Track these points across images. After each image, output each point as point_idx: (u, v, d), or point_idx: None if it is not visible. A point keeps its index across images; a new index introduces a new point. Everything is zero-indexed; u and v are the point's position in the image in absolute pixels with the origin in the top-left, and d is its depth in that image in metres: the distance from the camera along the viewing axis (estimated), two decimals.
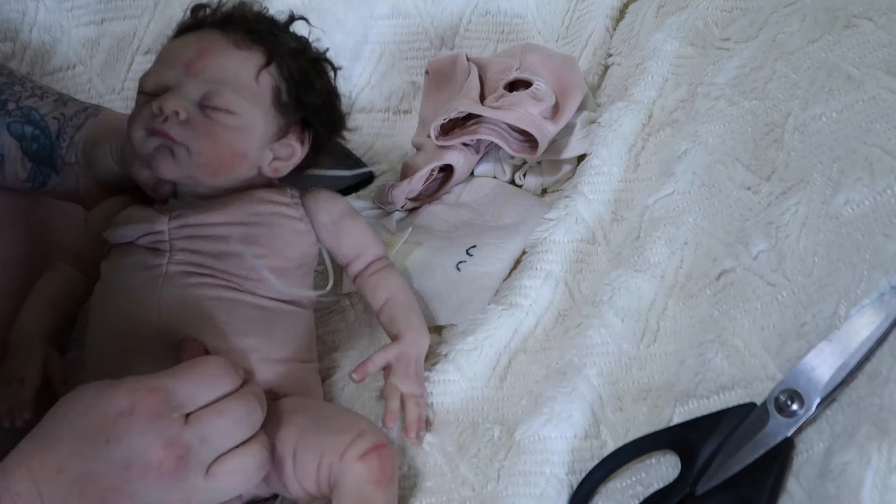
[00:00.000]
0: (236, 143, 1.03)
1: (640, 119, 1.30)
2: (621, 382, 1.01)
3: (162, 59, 1.06)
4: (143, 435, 0.80)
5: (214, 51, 1.04)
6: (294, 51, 1.10)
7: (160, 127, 0.99)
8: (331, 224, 1.11)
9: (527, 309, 1.13)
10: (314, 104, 1.10)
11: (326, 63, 1.16)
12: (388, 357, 1.06)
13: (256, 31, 1.07)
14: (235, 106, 1.02)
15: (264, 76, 1.05)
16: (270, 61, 1.06)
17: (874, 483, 0.73)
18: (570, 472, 0.94)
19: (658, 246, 1.11)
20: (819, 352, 0.86)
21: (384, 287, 1.12)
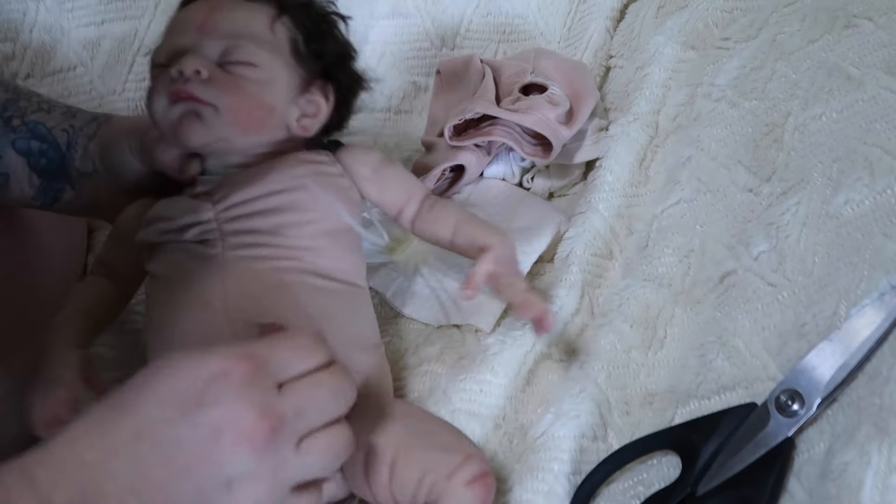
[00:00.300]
0: (262, 95, 1.01)
1: (648, 132, 1.31)
2: (629, 388, 1.02)
3: (172, 28, 1.04)
4: (238, 401, 0.75)
5: (225, 7, 1.02)
6: (303, 3, 1.09)
7: (182, 88, 0.97)
8: (372, 174, 1.09)
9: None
10: (332, 54, 1.09)
11: (337, 16, 1.14)
12: (490, 266, 1.04)
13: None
14: (256, 57, 1.00)
15: (279, 27, 1.04)
16: (282, 12, 1.05)
17: (874, 483, 0.73)
18: (575, 472, 0.94)
19: (666, 255, 1.12)
20: (819, 352, 0.86)
21: (447, 215, 1.10)
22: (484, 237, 1.07)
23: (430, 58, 1.58)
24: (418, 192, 1.11)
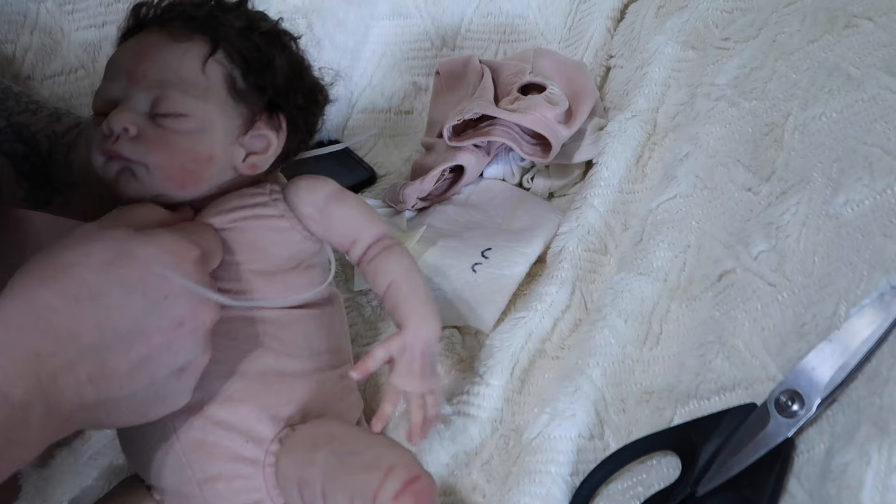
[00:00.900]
0: (196, 147, 0.93)
1: (646, 129, 1.31)
2: (624, 384, 1.02)
3: (106, 73, 0.96)
4: (201, 293, 0.83)
5: (152, 51, 0.94)
6: (242, 29, 0.98)
7: (112, 148, 0.91)
8: (317, 214, 1.00)
9: (542, 312, 1.13)
10: (277, 84, 0.99)
11: (283, 34, 1.03)
12: (390, 351, 0.97)
13: (195, 17, 0.97)
14: (185, 107, 0.92)
15: (212, 66, 0.95)
16: (216, 48, 0.95)
17: (874, 483, 0.73)
18: (573, 472, 0.94)
19: (661, 249, 1.11)
20: (819, 352, 0.86)
21: (384, 272, 1.01)
22: (403, 315, 0.99)
23: (431, 58, 1.58)
24: (365, 237, 1.02)
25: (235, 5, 1.01)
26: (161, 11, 0.98)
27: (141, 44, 0.95)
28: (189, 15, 0.97)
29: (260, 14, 1.03)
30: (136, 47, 0.95)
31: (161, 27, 0.96)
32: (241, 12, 1.01)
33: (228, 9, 1.00)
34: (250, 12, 1.02)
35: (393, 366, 0.98)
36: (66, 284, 0.76)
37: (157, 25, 0.97)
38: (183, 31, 0.95)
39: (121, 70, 0.94)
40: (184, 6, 0.98)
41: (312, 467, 0.90)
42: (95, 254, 0.78)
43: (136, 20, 0.99)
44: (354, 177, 1.48)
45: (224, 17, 0.97)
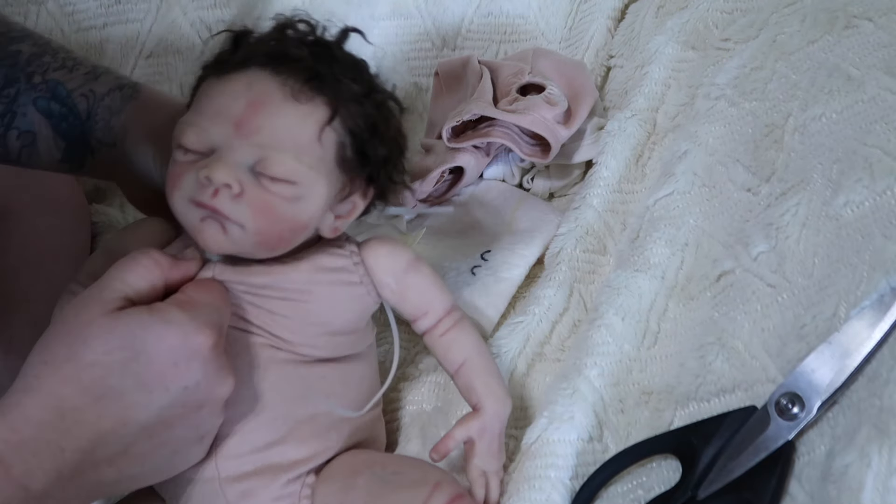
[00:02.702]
0: (297, 215, 0.89)
1: (646, 128, 1.31)
2: (622, 384, 1.02)
3: (204, 108, 0.89)
4: (218, 373, 0.84)
5: (269, 107, 0.87)
6: (359, 96, 0.91)
7: (210, 202, 0.85)
8: (395, 284, 0.98)
9: (540, 316, 1.13)
10: (381, 157, 0.94)
11: (394, 103, 0.98)
12: (470, 432, 0.96)
13: (318, 74, 0.88)
14: (295, 174, 0.87)
15: (328, 133, 0.89)
16: (335, 115, 0.89)
17: (875, 485, 0.73)
18: (573, 476, 0.94)
19: (658, 246, 1.11)
20: (819, 354, 0.86)
21: (457, 349, 1.00)
22: (481, 395, 0.98)
23: (432, 58, 1.58)
24: (438, 310, 1.01)
25: (344, 52, 0.95)
26: (274, 51, 0.89)
27: (255, 92, 0.87)
28: (311, 71, 0.88)
29: (373, 74, 0.97)
30: (250, 95, 0.87)
31: (277, 76, 0.88)
32: (355, 68, 0.94)
33: (345, 63, 0.93)
34: (364, 69, 0.96)
35: (473, 447, 0.97)
36: (88, 385, 0.77)
37: (270, 70, 0.88)
38: (303, 88, 0.88)
39: (228, 115, 0.86)
40: (301, 50, 0.90)
41: (354, 491, 0.91)
42: (114, 351, 0.78)
43: (244, 54, 0.91)
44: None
45: (345, 80, 0.90)
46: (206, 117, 0.88)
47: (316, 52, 0.90)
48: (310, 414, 0.94)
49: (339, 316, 0.96)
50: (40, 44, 1.08)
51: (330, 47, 0.93)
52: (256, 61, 0.89)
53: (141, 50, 1.49)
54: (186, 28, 1.49)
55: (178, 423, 0.82)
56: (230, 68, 0.90)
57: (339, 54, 0.93)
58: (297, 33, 0.94)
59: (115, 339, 0.79)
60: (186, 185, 0.87)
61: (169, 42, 1.49)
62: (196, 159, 0.87)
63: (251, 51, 0.91)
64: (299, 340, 0.93)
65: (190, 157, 0.88)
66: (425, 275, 1.01)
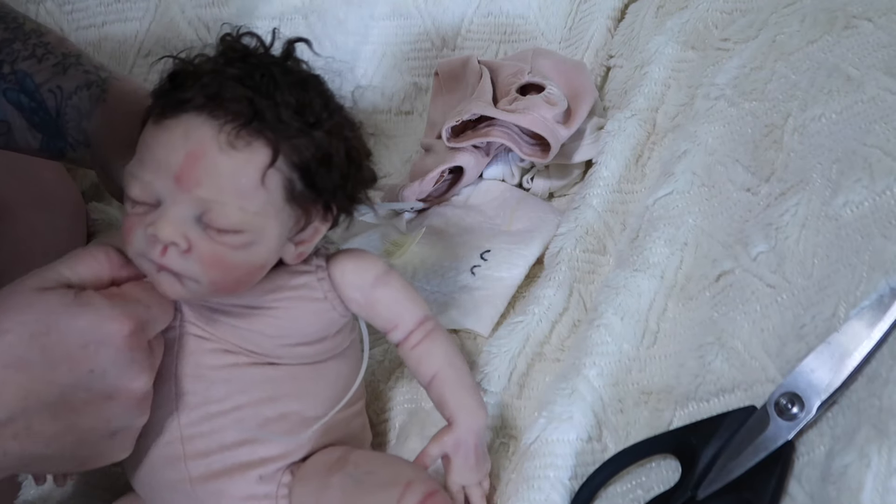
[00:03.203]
0: (251, 260, 0.85)
1: (646, 128, 1.31)
2: (621, 384, 1.02)
3: (146, 159, 0.83)
4: (130, 366, 0.83)
5: (206, 158, 0.81)
6: (304, 128, 0.85)
7: (160, 261, 0.82)
8: (362, 299, 0.95)
9: (539, 316, 1.13)
10: (335, 183, 0.88)
11: (346, 125, 0.90)
12: (444, 448, 0.94)
13: (256, 115, 0.82)
14: (242, 224, 0.83)
15: (271, 175, 0.83)
16: (276, 155, 0.83)
17: (874, 485, 0.73)
18: (572, 476, 0.94)
19: (657, 246, 1.11)
20: (819, 354, 0.86)
21: (428, 362, 0.97)
22: (453, 409, 0.96)
23: (432, 58, 1.58)
24: (408, 322, 0.97)
25: (296, 77, 0.87)
26: (211, 92, 0.82)
27: (192, 142, 0.81)
28: (244, 108, 0.82)
29: (325, 90, 0.90)
30: (187, 145, 0.81)
31: (212, 120, 0.82)
32: (301, 92, 0.86)
33: (288, 89, 0.85)
34: (312, 89, 0.88)
35: (449, 463, 0.95)
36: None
37: (206, 113, 0.82)
38: (241, 133, 0.82)
39: (168, 167, 0.81)
40: (237, 89, 0.83)
41: (329, 491, 0.91)
42: (29, 323, 0.78)
43: (180, 95, 0.83)
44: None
45: (286, 113, 0.84)
46: (148, 169, 0.83)
47: (255, 85, 0.83)
48: (280, 413, 0.93)
49: (301, 330, 0.94)
50: (12, 27, 1.05)
51: (272, 73, 0.85)
52: (193, 104, 0.82)
53: (139, 48, 1.49)
54: (185, 27, 1.49)
55: (83, 409, 0.80)
56: (168, 112, 0.83)
57: (282, 80, 0.85)
58: (238, 54, 0.87)
59: (32, 312, 0.79)
60: (137, 241, 0.83)
61: (167, 41, 1.49)
62: (145, 211, 0.83)
63: (189, 88, 0.83)
64: (262, 351, 0.93)
65: (139, 210, 0.84)
66: (394, 288, 0.97)
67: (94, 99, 1.05)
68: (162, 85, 0.86)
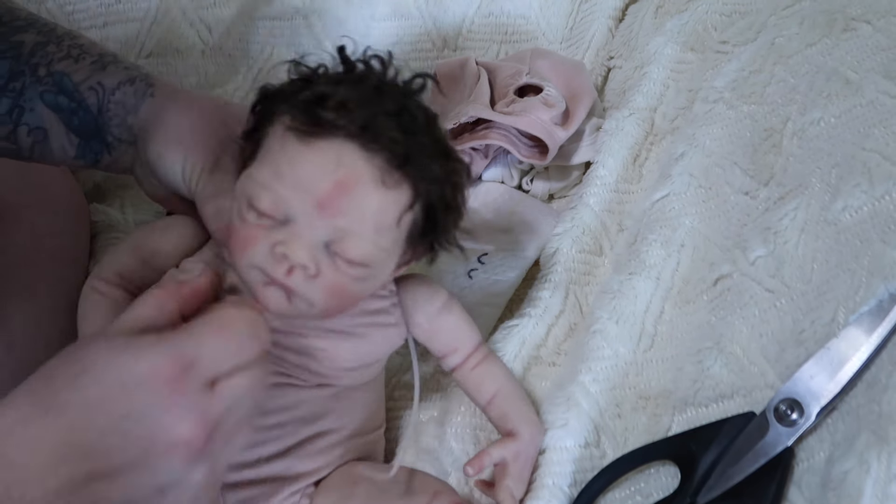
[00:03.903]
0: (364, 291, 0.87)
1: (644, 128, 1.30)
2: (618, 389, 1.01)
3: (285, 174, 0.81)
4: (170, 410, 0.72)
5: (357, 190, 0.80)
6: (441, 178, 0.86)
7: (283, 280, 0.81)
8: (427, 324, 0.98)
9: (536, 319, 1.13)
10: (448, 228, 0.90)
11: (465, 175, 0.93)
12: (506, 454, 0.95)
13: (408, 158, 0.82)
14: (371, 258, 0.83)
15: (406, 216, 0.84)
16: (417, 199, 0.84)
17: (874, 492, 0.73)
18: (571, 483, 0.94)
19: (654, 248, 1.11)
20: (818, 360, 0.86)
21: (490, 381, 1.00)
22: (517, 422, 0.97)
23: (432, 59, 1.57)
24: (467, 346, 1.00)
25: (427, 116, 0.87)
26: (366, 122, 0.80)
27: (344, 171, 0.80)
28: (400, 147, 0.81)
29: (441, 130, 0.90)
30: (338, 173, 0.80)
31: (366, 153, 0.80)
32: (434, 136, 0.87)
33: (427, 132, 0.86)
34: (439, 131, 0.89)
35: (505, 469, 0.95)
36: (42, 396, 0.72)
37: (358, 144, 0.80)
38: (393, 172, 0.81)
39: (312, 190, 0.80)
40: (389, 123, 0.81)
41: (352, 500, 0.92)
42: (71, 363, 0.73)
43: (329, 121, 0.81)
44: None
45: (431, 160, 0.84)
46: (287, 185, 0.81)
47: (405, 125, 0.82)
48: (316, 431, 0.94)
49: (372, 354, 0.97)
50: (45, 31, 1.03)
51: (414, 112, 0.85)
52: (346, 130, 0.80)
53: (141, 49, 1.49)
54: (186, 27, 1.48)
55: (116, 456, 0.72)
56: (316, 132, 0.81)
57: (422, 119, 0.86)
58: (372, 81, 0.85)
59: (79, 352, 0.74)
60: (258, 254, 0.81)
61: (168, 41, 1.48)
62: (269, 224, 0.81)
63: (338, 112, 0.80)
64: (324, 372, 0.93)
65: (262, 222, 0.82)
66: (457, 315, 1.01)
67: (140, 94, 1.03)
68: (299, 96, 0.83)
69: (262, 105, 0.88)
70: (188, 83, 1.49)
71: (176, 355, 0.73)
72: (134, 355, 0.72)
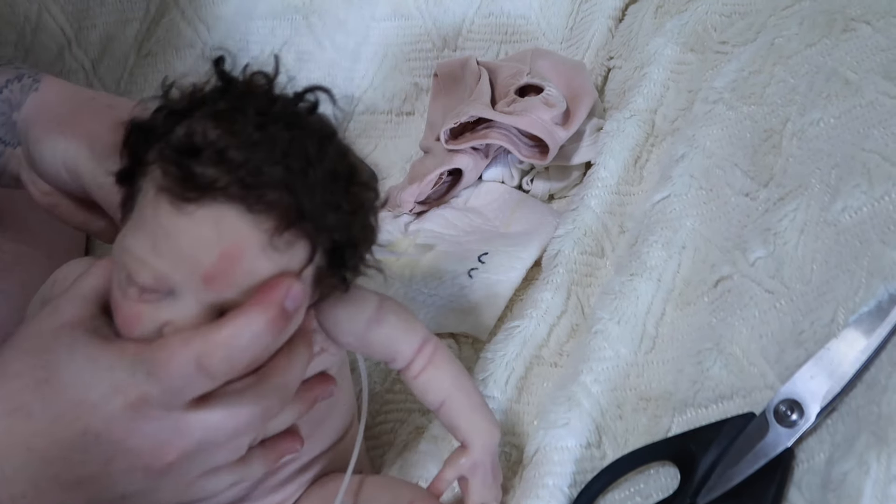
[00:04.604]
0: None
1: (644, 129, 1.30)
2: (619, 390, 1.01)
3: (162, 248, 0.69)
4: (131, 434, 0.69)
5: (246, 259, 0.69)
6: (342, 222, 0.73)
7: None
8: (356, 341, 0.86)
9: (537, 319, 1.13)
10: (356, 263, 0.78)
11: (372, 192, 0.78)
12: (461, 471, 0.90)
13: (298, 209, 0.69)
14: None
15: (306, 270, 0.73)
16: (315, 251, 0.72)
17: (874, 493, 0.73)
18: (571, 484, 0.93)
19: (655, 249, 1.10)
20: (818, 360, 0.86)
21: (434, 390, 0.91)
22: (466, 432, 0.91)
23: (432, 59, 1.58)
24: (405, 352, 0.90)
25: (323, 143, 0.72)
26: (243, 179, 0.68)
27: (227, 241, 0.68)
28: (288, 206, 0.69)
29: (345, 153, 0.76)
30: (221, 243, 0.68)
31: (251, 215, 0.68)
32: (332, 168, 0.72)
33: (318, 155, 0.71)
34: (342, 158, 0.75)
35: (467, 484, 0.91)
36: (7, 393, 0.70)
37: (242, 205, 0.68)
38: (284, 234, 0.69)
39: (195, 265, 0.69)
40: (273, 172, 0.68)
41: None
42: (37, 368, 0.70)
43: (203, 181, 0.68)
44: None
45: (323, 203, 0.71)
46: (166, 260, 0.70)
47: (295, 168, 0.69)
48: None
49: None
50: None
51: (305, 149, 0.71)
52: (226, 193, 0.68)
53: (139, 48, 1.50)
54: (184, 26, 1.49)
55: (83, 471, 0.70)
56: (190, 195, 0.68)
57: (315, 153, 0.71)
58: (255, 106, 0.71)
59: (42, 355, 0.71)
60: (146, 331, 0.72)
61: (167, 40, 1.49)
62: (154, 298, 0.71)
63: (213, 165, 0.68)
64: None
65: (146, 296, 0.71)
66: (389, 324, 0.88)
67: (27, 89, 0.98)
68: (171, 139, 0.70)
69: (132, 145, 0.74)
70: (188, 82, 1.49)
71: (141, 374, 0.69)
72: (96, 373, 0.69)
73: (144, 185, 0.71)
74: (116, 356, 0.69)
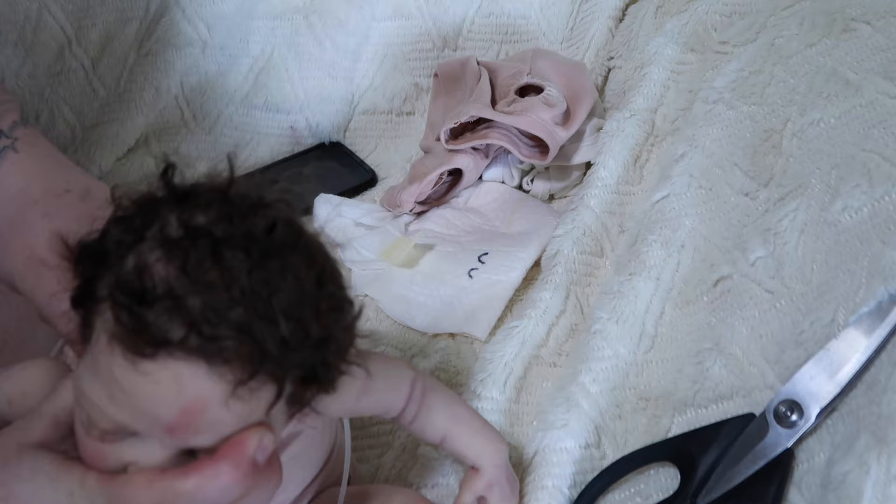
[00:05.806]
0: None
1: (644, 129, 1.30)
2: (619, 389, 1.01)
3: (120, 402, 0.64)
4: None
5: (206, 412, 0.64)
6: (308, 352, 0.65)
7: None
8: (347, 412, 0.85)
9: (536, 319, 1.12)
10: (329, 377, 0.69)
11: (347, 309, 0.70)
12: (477, 493, 0.89)
13: (262, 354, 0.62)
14: None
15: (277, 404, 0.66)
16: (283, 389, 0.66)
17: (874, 493, 0.73)
18: (571, 485, 0.93)
19: (654, 248, 1.10)
20: (818, 361, 0.86)
21: (431, 429, 0.90)
22: (474, 458, 0.89)
23: (433, 59, 1.58)
24: (395, 406, 0.88)
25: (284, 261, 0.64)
26: (201, 331, 0.61)
27: (187, 396, 0.63)
28: (250, 357, 0.62)
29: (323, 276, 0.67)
30: (181, 400, 0.63)
31: (209, 364, 0.62)
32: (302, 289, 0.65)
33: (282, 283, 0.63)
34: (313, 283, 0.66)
35: (486, 502, 0.91)
36: None
37: (202, 358, 0.62)
38: (247, 382, 0.63)
39: (156, 420, 0.64)
40: (234, 317, 0.61)
41: None
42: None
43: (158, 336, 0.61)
44: (355, 178, 1.47)
45: (287, 338, 0.63)
46: (125, 412, 0.65)
47: (255, 308, 0.62)
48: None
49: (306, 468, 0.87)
50: None
51: (267, 279, 0.63)
52: (184, 348, 0.61)
53: (139, 48, 1.49)
54: (185, 25, 1.49)
55: None
56: (145, 350, 0.61)
57: (275, 279, 0.63)
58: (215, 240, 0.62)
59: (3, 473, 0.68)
60: (109, 465, 0.68)
61: (168, 40, 1.49)
62: (117, 439, 0.67)
63: (168, 312, 0.61)
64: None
65: (109, 437, 0.67)
66: (377, 389, 0.85)
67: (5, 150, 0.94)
68: (122, 273, 0.62)
69: (82, 268, 0.67)
70: (188, 82, 1.50)
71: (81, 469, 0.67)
72: (57, 498, 0.66)
73: (96, 324, 0.65)
74: (78, 483, 0.66)
